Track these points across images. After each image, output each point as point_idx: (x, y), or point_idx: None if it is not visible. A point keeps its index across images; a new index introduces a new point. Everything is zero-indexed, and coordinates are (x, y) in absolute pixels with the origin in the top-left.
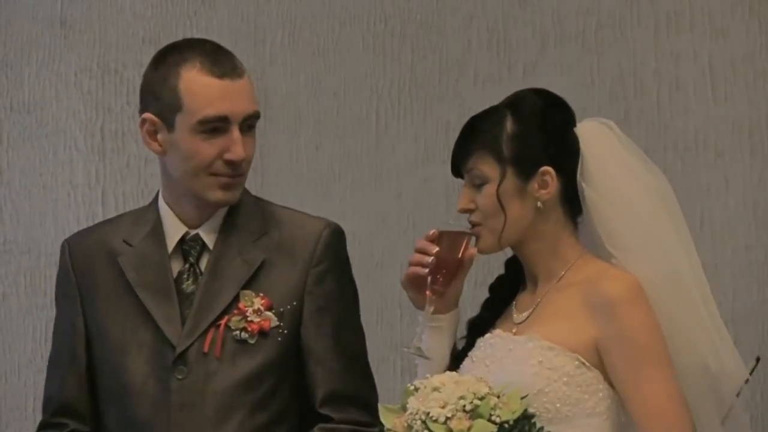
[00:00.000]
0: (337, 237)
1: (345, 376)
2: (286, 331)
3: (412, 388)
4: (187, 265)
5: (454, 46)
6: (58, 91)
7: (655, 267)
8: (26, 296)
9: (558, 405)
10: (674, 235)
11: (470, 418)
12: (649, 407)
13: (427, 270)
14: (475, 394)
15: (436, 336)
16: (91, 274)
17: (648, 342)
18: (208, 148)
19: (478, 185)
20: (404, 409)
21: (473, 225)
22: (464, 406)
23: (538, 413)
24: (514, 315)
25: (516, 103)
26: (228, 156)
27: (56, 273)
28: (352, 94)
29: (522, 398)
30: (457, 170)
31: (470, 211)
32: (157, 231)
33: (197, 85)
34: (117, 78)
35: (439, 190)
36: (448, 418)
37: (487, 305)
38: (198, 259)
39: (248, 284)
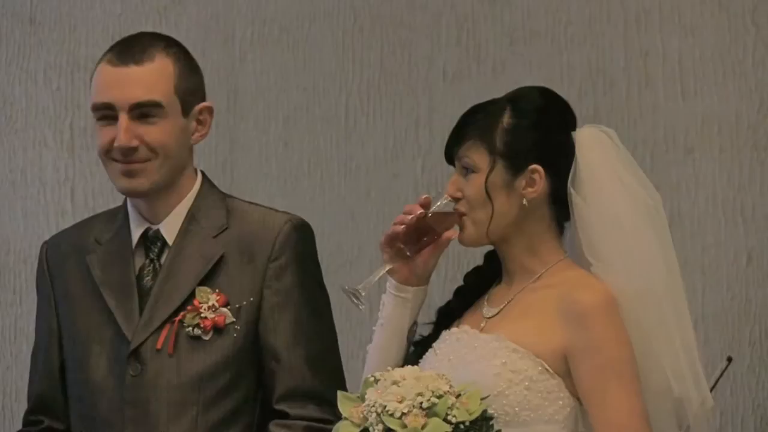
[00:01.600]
0: (298, 231)
1: (303, 372)
2: (240, 328)
3: (372, 379)
4: (147, 261)
5: (423, 42)
6: (28, 88)
7: (631, 283)
8: None
9: (517, 409)
10: (657, 254)
11: (426, 415)
12: (610, 421)
13: (404, 227)
14: (433, 392)
15: (399, 307)
16: (63, 274)
17: (616, 355)
18: (103, 134)
19: (467, 174)
20: (363, 399)
21: (458, 214)
22: (421, 403)
23: (496, 415)
24: (485, 308)
25: (517, 97)
26: (115, 143)
27: (29, 271)
28: (321, 91)
29: (482, 399)
30: (450, 156)
31: (457, 199)
32: (124, 228)
33: (97, 75)
34: (86, 74)
35: (409, 186)
36: (403, 414)
37: (459, 294)
38: (159, 254)
39: (205, 280)
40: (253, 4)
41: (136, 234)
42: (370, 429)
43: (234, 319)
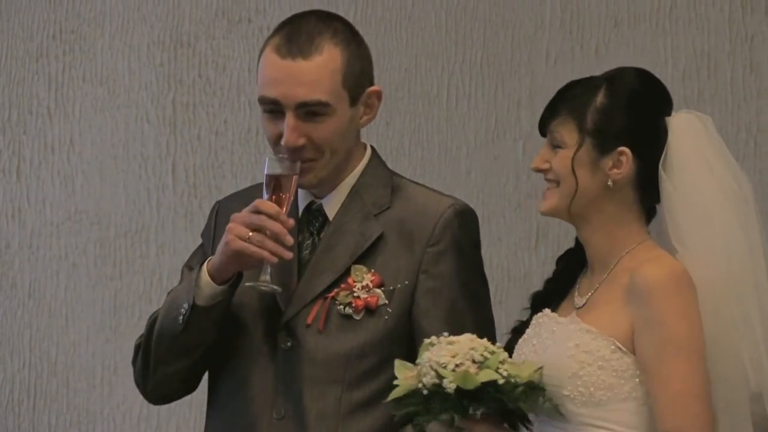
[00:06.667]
0: (461, 217)
1: None
2: (392, 310)
3: (428, 342)
4: (307, 234)
5: (526, 24)
6: (131, 63)
7: (712, 270)
8: (95, 266)
9: (591, 389)
10: (743, 245)
11: (479, 368)
12: (664, 396)
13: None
14: (486, 347)
15: None
16: None
17: (678, 331)
18: (270, 127)
19: (556, 148)
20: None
21: (549, 182)
22: (473, 357)
23: (572, 396)
24: (576, 298)
25: (614, 77)
26: (281, 141)
27: (129, 246)
28: (423, 71)
29: (536, 370)
30: (543, 129)
31: (543, 171)
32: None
33: (264, 63)
34: (189, 50)
35: (510, 167)
36: (456, 366)
37: (551, 279)
38: (320, 229)
39: (362, 259)
40: None
41: (300, 206)
42: (423, 380)
43: (387, 301)
